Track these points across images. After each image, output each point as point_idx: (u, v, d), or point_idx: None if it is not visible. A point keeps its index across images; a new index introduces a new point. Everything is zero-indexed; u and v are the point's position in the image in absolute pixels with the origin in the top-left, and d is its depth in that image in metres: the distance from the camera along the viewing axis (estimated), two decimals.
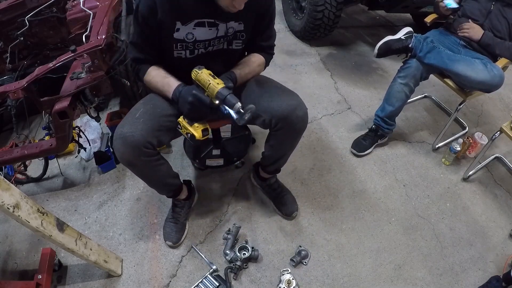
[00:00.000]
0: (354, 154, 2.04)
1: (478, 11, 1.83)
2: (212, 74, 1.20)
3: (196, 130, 1.24)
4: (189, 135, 1.25)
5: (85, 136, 1.90)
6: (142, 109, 1.31)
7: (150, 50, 1.31)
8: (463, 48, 1.88)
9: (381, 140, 2.08)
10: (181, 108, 1.25)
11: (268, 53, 1.45)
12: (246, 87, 1.41)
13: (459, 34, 1.86)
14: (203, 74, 1.19)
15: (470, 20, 1.85)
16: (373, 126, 2.05)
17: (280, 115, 1.29)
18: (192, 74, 1.22)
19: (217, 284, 1.47)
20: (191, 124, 1.25)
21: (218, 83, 1.17)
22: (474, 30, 1.81)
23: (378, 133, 2.03)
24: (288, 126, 1.32)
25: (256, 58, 1.42)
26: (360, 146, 2.03)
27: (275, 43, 1.47)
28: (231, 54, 1.39)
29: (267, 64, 1.47)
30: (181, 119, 1.27)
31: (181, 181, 1.61)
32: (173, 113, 1.33)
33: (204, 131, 1.26)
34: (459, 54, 1.81)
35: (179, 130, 1.28)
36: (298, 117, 1.31)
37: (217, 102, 1.16)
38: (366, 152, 2.04)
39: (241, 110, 1.13)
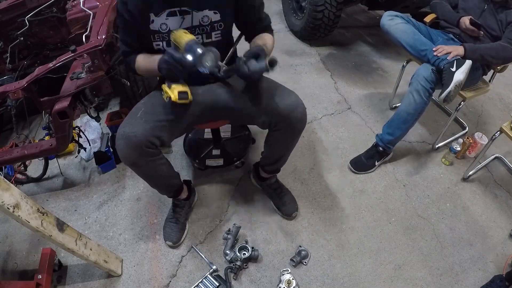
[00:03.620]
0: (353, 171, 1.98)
1: (472, 10, 1.84)
2: (187, 32, 1.17)
3: (173, 91, 1.20)
4: (168, 98, 1.21)
5: (85, 136, 1.90)
6: (143, 108, 1.31)
7: (135, 42, 1.34)
8: (452, 41, 1.89)
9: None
10: (162, 72, 1.23)
11: (271, 30, 1.43)
12: (245, 88, 1.41)
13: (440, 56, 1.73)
14: (178, 32, 1.17)
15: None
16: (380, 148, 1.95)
17: (279, 116, 1.28)
18: (170, 36, 1.20)
19: (217, 284, 1.47)
20: (169, 86, 1.22)
21: (188, 37, 1.14)
22: (454, 48, 1.70)
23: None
24: (287, 126, 1.32)
25: (267, 36, 1.38)
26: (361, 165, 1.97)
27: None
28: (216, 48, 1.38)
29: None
30: (163, 85, 1.24)
31: (182, 181, 1.61)
32: (173, 111, 1.33)
33: (182, 93, 1.21)
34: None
35: (163, 97, 1.25)
36: (297, 118, 1.30)
37: (188, 56, 1.12)
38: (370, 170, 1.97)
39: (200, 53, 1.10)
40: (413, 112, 1.79)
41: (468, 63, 1.65)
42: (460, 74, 1.63)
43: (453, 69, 1.64)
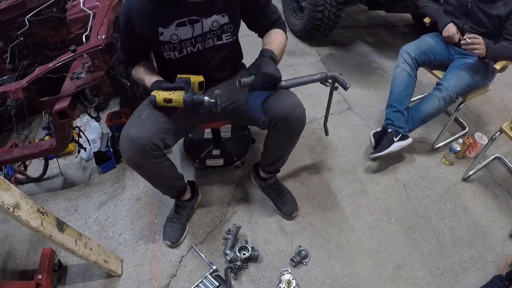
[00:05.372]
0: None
1: (457, 11, 1.82)
2: (166, 98, 1.23)
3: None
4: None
5: (85, 136, 1.90)
6: (147, 110, 1.31)
7: (132, 53, 1.39)
8: (456, 48, 1.88)
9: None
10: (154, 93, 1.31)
11: (280, 23, 1.44)
12: (245, 89, 1.41)
13: (468, 50, 1.67)
14: (160, 102, 1.25)
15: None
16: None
17: (278, 116, 1.29)
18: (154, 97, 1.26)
19: (217, 284, 1.47)
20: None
21: (177, 96, 1.22)
22: (482, 48, 1.62)
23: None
24: (286, 126, 1.32)
25: (276, 32, 1.40)
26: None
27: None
28: (224, 49, 1.38)
29: (285, 33, 1.46)
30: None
31: (186, 182, 1.61)
32: (178, 114, 1.34)
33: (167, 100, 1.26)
34: (451, 59, 1.86)
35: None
36: (296, 118, 1.31)
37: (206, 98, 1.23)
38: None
39: (211, 100, 1.22)
40: (405, 85, 1.90)
41: (408, 141, 1.85)
42: (395, 147, 1.82)
43: (395, 139, 1.84)
